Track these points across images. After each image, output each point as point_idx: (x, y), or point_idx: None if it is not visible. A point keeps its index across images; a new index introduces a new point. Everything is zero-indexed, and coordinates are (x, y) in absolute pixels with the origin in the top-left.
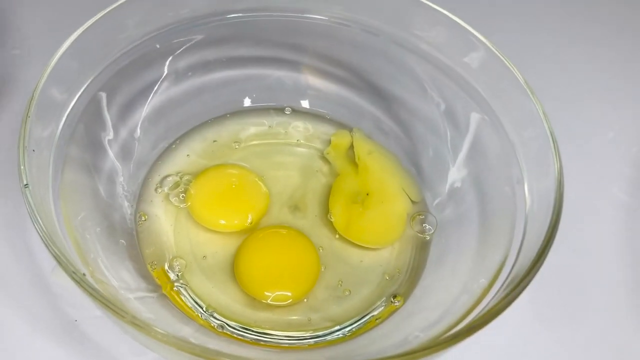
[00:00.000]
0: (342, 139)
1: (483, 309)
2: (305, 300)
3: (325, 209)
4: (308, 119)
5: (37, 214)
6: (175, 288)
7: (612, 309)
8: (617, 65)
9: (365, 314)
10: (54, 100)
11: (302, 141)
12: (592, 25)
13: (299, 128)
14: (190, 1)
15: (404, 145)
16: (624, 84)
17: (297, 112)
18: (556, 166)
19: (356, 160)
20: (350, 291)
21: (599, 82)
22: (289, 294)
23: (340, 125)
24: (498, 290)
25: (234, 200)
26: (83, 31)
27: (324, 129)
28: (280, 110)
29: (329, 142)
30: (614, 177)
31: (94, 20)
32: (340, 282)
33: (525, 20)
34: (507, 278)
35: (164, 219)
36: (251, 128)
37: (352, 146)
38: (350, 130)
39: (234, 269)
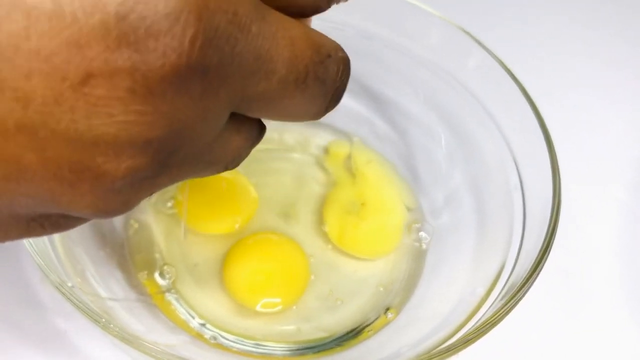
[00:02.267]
0: (341, 148)
1: (480, 319)
2: (294, 307)
3: (319, 218)
4: (303, 124)
5: None
6: (166, 298)
7: (613, 311)
8: (615, 66)
9: (357, 326)
10: None
11: (296, 147)
12: (591, 25)
13: (293, 133)
14: None
15: (399, 151)
16: (623, 84)
17: None
18: (554, 172)
19: (353, 170)
20: (342, 301)
21: (598, 82)
22: (277, 300)
23: (336, 130)
24: (495, 300)
25: (221, 202)
26: None
27: (319, 135)
28: None
29: (325, 149)
30: (615, 179)
31: None
32: (330, 292)
33: (522, 21)
34: (504, 286)
35: (154, 227)
36: None
37: (350, 156)
38: (350, 138)
39: (223, 274)
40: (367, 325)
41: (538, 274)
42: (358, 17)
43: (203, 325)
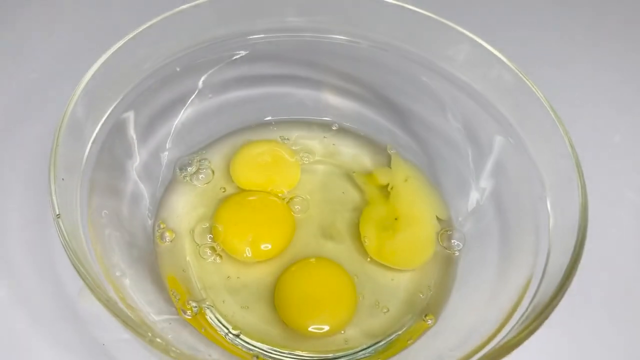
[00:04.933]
0: (382, 176)
1: (508, 333)
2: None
3: (354, 232)
4: (330, 135)
5: (69, 244)
6: (204, 308)
7: (634, 316)
8: (622, 71)
9: (394, 333)
10: (80, 128)
11: (322, 159)
12: (600, 32)
13: (320, 145)
14: (212, 23)
15: (423, 163)
16: (631, 89)
17: (319, 130)
18: (579, 182)
19: (389, 189)
20: (388, 309)
21: (606, 87)
22: (327, 327)
23: (364, 140)
24: (523, 314)
25: (261, 229)
26: (107, 58)
27: (346, 146)
28: (301, 126)
29: (363, 168)
30: (623, 183)
31: (115, 48)
32: (377, 302)
33: (533, 30)
34: (531, 301)
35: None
36: None
37: (387, 185)
38: (389, 165)
39: (275, 300)
40: (404, 331)
41: (569, 285)
42: (382, 32)
43: (237, 336)
